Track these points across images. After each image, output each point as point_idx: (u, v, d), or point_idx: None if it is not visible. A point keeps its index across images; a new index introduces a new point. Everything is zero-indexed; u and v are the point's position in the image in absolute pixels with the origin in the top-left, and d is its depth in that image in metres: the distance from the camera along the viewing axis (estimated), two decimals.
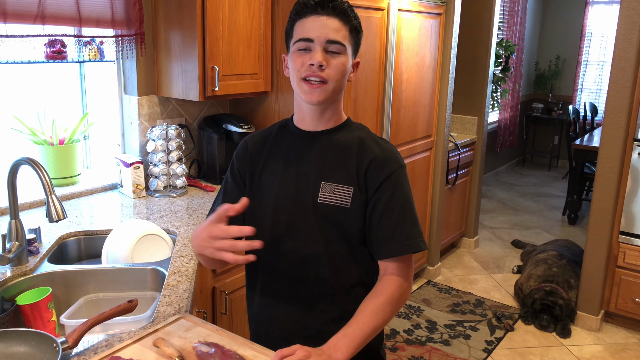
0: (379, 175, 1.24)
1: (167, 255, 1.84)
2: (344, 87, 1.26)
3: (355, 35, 1.25)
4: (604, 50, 6.79)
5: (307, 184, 1.27)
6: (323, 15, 1.19)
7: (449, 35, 3.43)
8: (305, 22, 1.20)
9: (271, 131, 1.37)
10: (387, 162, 1.25)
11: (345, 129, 1.31)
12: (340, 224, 1.25)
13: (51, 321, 1.50)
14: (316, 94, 1.21)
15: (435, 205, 3.67)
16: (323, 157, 1.28)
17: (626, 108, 2.95)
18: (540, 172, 7.08)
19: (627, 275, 3.13)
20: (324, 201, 1.25)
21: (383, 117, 2.96)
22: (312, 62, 1.19)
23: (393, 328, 3.15)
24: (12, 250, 1.60)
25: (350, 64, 1.25)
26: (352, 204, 1.24)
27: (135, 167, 2.35)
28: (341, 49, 1.21)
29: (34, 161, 1.51)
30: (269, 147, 1.34)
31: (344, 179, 1.25)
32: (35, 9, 1.98)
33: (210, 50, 2.25)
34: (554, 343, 3.09)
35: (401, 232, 1.23)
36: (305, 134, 1.30)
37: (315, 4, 1.19)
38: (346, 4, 1.22)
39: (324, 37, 1.19)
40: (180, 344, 1.20)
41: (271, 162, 1.32)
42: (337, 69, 1.21)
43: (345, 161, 1.26)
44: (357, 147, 1.27)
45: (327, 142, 1.29)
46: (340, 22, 1.20)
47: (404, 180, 1.27)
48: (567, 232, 4.91)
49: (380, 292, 1.21)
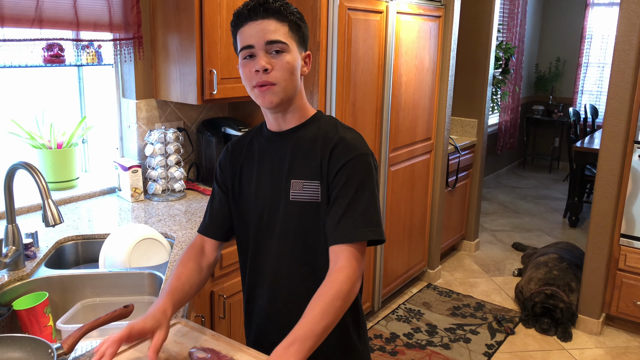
0: (337, 163, 1.23)
1: (165, 260, 1.84)
2: (296, 83, 1.26)
3: (297, 30, 1.25)
4: (604, 52, 6.78)
5: (280, 183, 1.29)
6: (257, 19, 1.20)
7: (448, 37, 3.43)
8: (244, 30, 1.22)
9: (249, 135, 1.40)
10: (346, 150, 1.24)
11: (311, 124, 1.31)
12: (314, 219, 1.26)
13: (48, 326, 1.49)
14: (268, 97, 1.22)
15: (435, 208, 3.66)
16: (292, 155, 1.29)
17: (626, 110, 2.94)
18: (541, 174, 7.07)
19: (628, 278, 3.12)
20: (295, 198, 1.27)
21: (382, 119, 2.95)
22: (256, 69, 1.20)
23: (393, 332, 3.14)
24: (8, 255, 1.59)
25: (299, 60, 1.25)
26: (322, 198, 1.25)
27: (134, 171, 2.35)
28: (284, 47, 1.21)
29: (30, 166, 1.50)
30: (245, 151, 1.37)
31: (310, 174, 1.26)
32: (32, 13, 1.97)
33: (208, 54, 2.25)
34: (554, 347, 3.08)
35: (347, 220, 1.20)
36: (274, 135, 1.32)
37: (248, 11, 1.21)
38: (278, 3, 1.22)
39: (262, 40, 1.20)
40: (177, 349, 1.19)
41: (247, 166, 1.35)
42: (283, 69, 1.21)
43: (311, 156, 1.27)
44: (322, 140, 1.27)
45: (294, 140, 1.30)
46: (276, 21, 1.21)
47: (363, 167, 1.24)
48: (567, 234, 4.90)
49: (330, 287, 1.15)
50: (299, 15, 1.27)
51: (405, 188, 3.29)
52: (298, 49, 1.25)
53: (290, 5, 1.24)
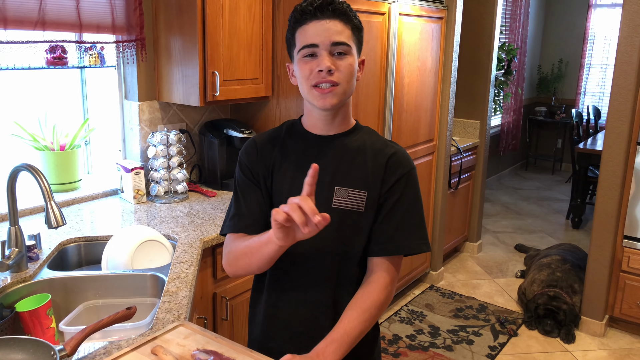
0: (391, 176, 1.25)
1: (167, 261, 1.84)
2: (353, 88, 1.26)
3: (358, 33, 1.25)
4: (607, 53, 6.76)
5: (321, 188, 1.24)
6: (324, 19, 1.18)
7: (450, 39, 3.42)
8: (307, 28, 1.19)
9: (279, 133, 1.35)
10: (400, 164, 1.27)
11: (356, 133, 1.32)
12: (354, 228, 1.25)
13: (50, 328, 1.49)
14: (329, 99, 1.21)
15: (438, 209, 3.66)
16: (336, 161, 1.27)
17: (629, 111, 2.93)
18: (544, 175, 7.06)
19: (631, 280, 3.11)
20: (338, 206, 1.25)
21: (385, 121, 2.95)
22: (320, 68, 1.18)
23: (395, 333, 3.14)
24: (11, 257, 1.60)
25: (357, 64, 1.25)
26: (367, 208, 1.25)
27: (136, 173, 2.35)
28: (347, 50, 1.20)
29: (33, 167, 1.50)
30: (278, 150, 1.31)
31: (357, 183, 1.25)
32: (35, 15, 1.98)
33: (211, 56, 2.25)
34: (558, 348, 3.07)
35: (402, 232, 1.24)
36: (318, 138, 1.30)
37: (314, 8, 1.18)
38: (345, 4, 1.21)
39: (328, 41, 1.18)
40: (179, 351, 1.19)
41: (281, 165, 1.30)
42: (346, 70, 1.20)
43: (359, 165, 1.26)
44: (370, 151, 1.28)
45: (340, 146, 1.28)
46: (342, 23, 1.20)
47: (415, 181, 1.28)
48: (570, 236, 4.89)
49: (368, 294, 1.21)
50: (359, 19, 1.25)
51: None
52: (357, 52, 1.25)
53: (352, 9, 1.23)
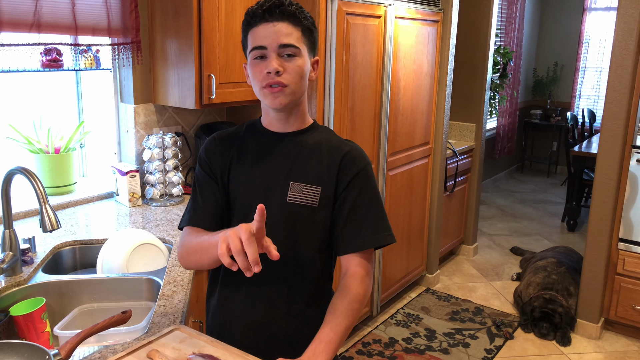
0: (347, 174, 1.28)
1: (163, 265, 1.83)
2: (305, 88, 1.28)
3: (309, 35, 1.26)
4: (602, 56, 6.80)
5: (276, 183, 1.29)
6: (272, 21, 1.21)
7: (446, 42, 3.43)
8: (257, 30, 1.22)
9: (239, 130, 1.38)
10: (356, 160, 1.30)
11: (312, 131, 1.35)
12: (308, 223, 1.29)
13: (45, 332, 1.48)
14: (279, 99, 1.23)
15: (434, 212, 3.66)
16: (292, 158, 1.30)
17: (624, 115, 2.94)
18: (539, 178, 7.08)
19: (626, 282, 3.11)
20: (293, 200, 1.28)
21: (380, 124, 2.95)
22: (268, 70, 1.21)
23: (392, 337, 3.13)
24: (5, 261, 1.59)
25: (308, 65, 1.27)
26: (320, 203, 1.28)
27: (132, 176, 2.34)
28: (296, 52, 1.22)
29: (27, 171, 1.50)
30: (237, 146, 1.35)
31: (312, 179, 1.28)
32: (31, 18, 1.97)
33: (207, 58, 2.25)
34: (553, 351, 3.07)
35: (368, 227, 1.27)
36: (275, 135, 1.33)
37: (263, 11, 1.21)
38: (294, 7, 1.22)
39: (276, 43, 1.20)
40: (175, 355, 1.18)
41: (238, 162, 1.34)
42: (294, 72, 1.22)
43: (315, 162, 1.29)
44: (326, 148, 1.31)
45: (297, 143, 1.32)
46: (291, 25, 1.22)
47: (371, 177, 1.32)
48: (566, 239, 4.90)
49: (348, 290, 1.23)
50: (312, 20, 1.27)
51: (403, 192, 3.29)
52: (308, 54, 1.27)
53: (304, 10, 1.25)
